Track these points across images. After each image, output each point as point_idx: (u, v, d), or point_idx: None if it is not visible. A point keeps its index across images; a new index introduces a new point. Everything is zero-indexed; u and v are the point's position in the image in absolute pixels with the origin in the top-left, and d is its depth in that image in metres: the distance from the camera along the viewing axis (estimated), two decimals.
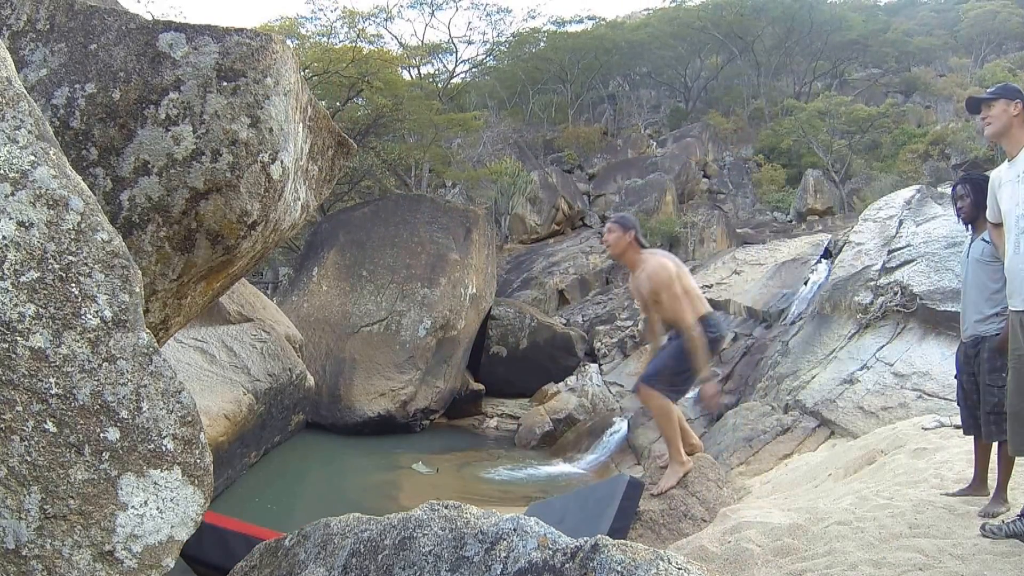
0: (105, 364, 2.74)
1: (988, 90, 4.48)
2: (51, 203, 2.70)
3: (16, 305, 2.61)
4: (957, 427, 6.46)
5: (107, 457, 2.71)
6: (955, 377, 5.52)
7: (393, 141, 26.22)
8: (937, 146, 28.11)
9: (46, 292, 2.66)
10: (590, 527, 6.20)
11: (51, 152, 2.75)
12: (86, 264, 2.74)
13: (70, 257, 2.71)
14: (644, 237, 6.07)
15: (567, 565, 2.30)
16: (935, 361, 10.01)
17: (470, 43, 65.27)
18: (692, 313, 5.81)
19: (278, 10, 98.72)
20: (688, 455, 6.40)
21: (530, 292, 23.14)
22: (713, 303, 18.69)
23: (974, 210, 5.23)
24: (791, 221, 28.60)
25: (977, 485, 5.31)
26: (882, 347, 10.95)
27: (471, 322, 17.67)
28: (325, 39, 25.95)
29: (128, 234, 3.29)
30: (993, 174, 4.52)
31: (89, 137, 3.37)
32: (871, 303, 11.74)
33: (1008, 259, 4.17)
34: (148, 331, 2.87)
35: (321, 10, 45.28)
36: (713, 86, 45.01)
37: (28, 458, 2.59)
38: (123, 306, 2.80)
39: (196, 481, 2.88)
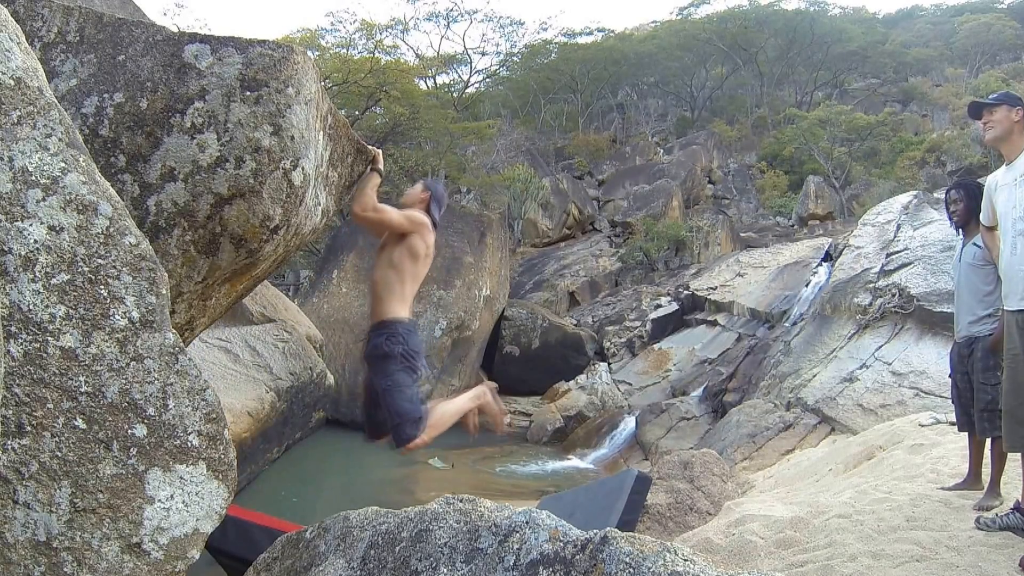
0: (133, 363, 2.78)
1: (990, 96, 4.54)
2: (81, 208, 2.74)
3: (47, 306, 2.64)
4: (952, 424, 6.51)
5: (135, 453, 2.75)
6: (949, 376, 5.58)
7: (410, 148, 26.27)
8: (933, 153, 28.12)
9: (76, 294, 2.70)
10: (600, 520, 6.28)
11: (81, 159, 2.80)
12: (114, 267, 2.78)
13: (99, 260, 2.75)
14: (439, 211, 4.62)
15: (577, 557, 2.32)
16: (932, 360, 10.08)
17: (484, 54, 65.56)
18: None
19: (299, 22, 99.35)
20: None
21: (542, 294, 23.16)
22: (718, 304, 18.78)
23: (967, 215, 5.30)
24: (793, 225, 28.62)
25: (972, 480, 5.38)
26: (881, 347, 11.01)
27: (485, 323, 17.73)
28: (344, 50, 26.02)
29: (155, 238, 3.33)
30: (990, 178, 4.57)
31: (117, 144, 3.41)
32: (870, 304, 11.82)
33: (1005, 260, 4.21)
34: (174, 331, 2.91)
35: (340, 22, 45.88)
36: (718, 95, 45.17)
37: (59, 453, 2.63)
38: (150, 307, 2.83)
39: (220, 476, 2.91)
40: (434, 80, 37.42)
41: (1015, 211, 4.14)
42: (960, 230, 5.52)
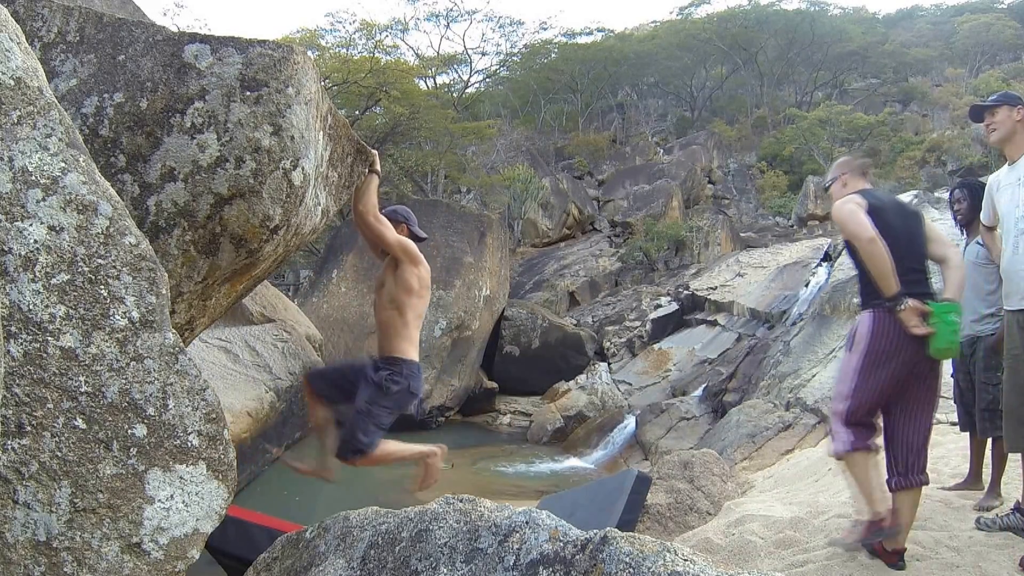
0: (133, 363, 2.78)
1: (990, 98, 4.55)
2: (81, 208, 2.74)
3: (47, 306, 2.65)
4: (953, 424, 6.53)
5: (135, 453, 2.75)
6: (951, 376, 5.57)
7: (410, 148, 26.29)
8: (934, 153, 28.21)
9: (76, 294, 2.70)
10: (600, 520, 6.28)
11: (81, 159, 2.80)
12: (114, 267, 2.78)
13: (99, 260, 2.76)
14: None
15: (577, 556, 2.32)
16: None
17: (484, 54, 65.71)
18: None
19: (299, 22, 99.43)
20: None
21: (542, 294, 23.18)
22: (718, 304, 18.78)
23: (970, 214, 5.32)
24: (792, 226, 28.59)
25: (972, 480, 5.39)
26: None
27: (485, 323, 17.73)
28: (344, 50, 26.00)
29: (155, 238, 3.33)
30: (991, 178, 4.58)
31: (117, 144, 3.41)
32: None
33: (1006, 260, 4.22)
34: (174, 331, 2.91)
35: (340, 22, 45.86)
36: (718, 95, 45.26)
37: (59, 453, 2.63)
38: (150, 307, 2.83)
39: (220, 476, 2.91)
40: (434, 80, 37.44)
41: (1018, 211, 4.15)
42: (963, 229, 5.54)
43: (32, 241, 2.64)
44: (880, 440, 4.30)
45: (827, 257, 18.11)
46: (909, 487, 4.15)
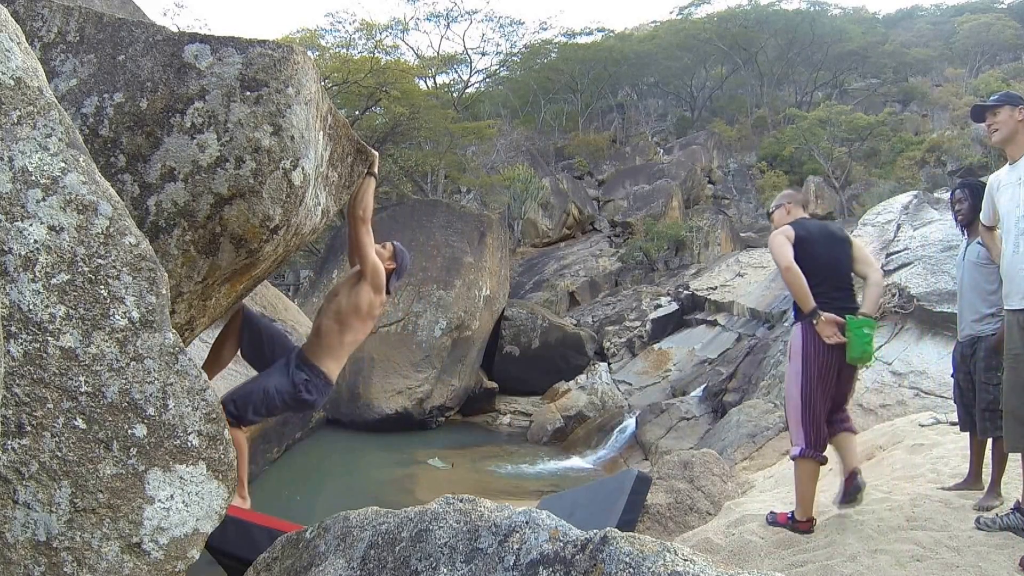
0: (133, 363, 2.79)
1: (991, 98, 4.55)
2: (81, 208, 2.75)
3: (47, 306, 2.65)
4: (953, 424, 6.53)
5: (135, 453, 2.76)
6: (952, 376, 5.59)
7: (410, 148, 26.28)
8: (933, 153, 28.21)
9: (76, 294, 2.71)
10: (600, 520, 6.27)
11: (81, 159, 2.80)
12: (114, 267, 2.79)
13: (99, 260, 2.76)
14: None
15: (577, 557, 2.32)
16: (932, 360, 10.03)
17: (484, 54, 65.75)
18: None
19: (299, 22, 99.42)
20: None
21: (542, 294, 23.18)
22: (718, 304, 18.76)
23: (971, 214, 5.32)
24: None
25: (972, 480, 5.39)
26: (880, 347, 10.94)
27: (485, 323, 17.71)
28: (344, 50, 25.98)
29: (155, 238, 3.33)
30: (992, 178, 4.59)
31: (117, 144, 3.41)
32: None
33: (1007, 260, 4.22)
34: (174, 331, 2.92)
35: (340, 22, 45.89)
36: (718, 95, 45.28)
37: (59, 453, 2.64)
38: (150, 307, 2.84)
39: (220, 476, 2.92)
40: (434, 80, 37.41)
41: (1018, 210, 4.15)
42: (964, 229, 5.55)
43: (32, 241, 2.65)
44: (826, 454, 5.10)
45: None
46: (834, 435, 5.11)
